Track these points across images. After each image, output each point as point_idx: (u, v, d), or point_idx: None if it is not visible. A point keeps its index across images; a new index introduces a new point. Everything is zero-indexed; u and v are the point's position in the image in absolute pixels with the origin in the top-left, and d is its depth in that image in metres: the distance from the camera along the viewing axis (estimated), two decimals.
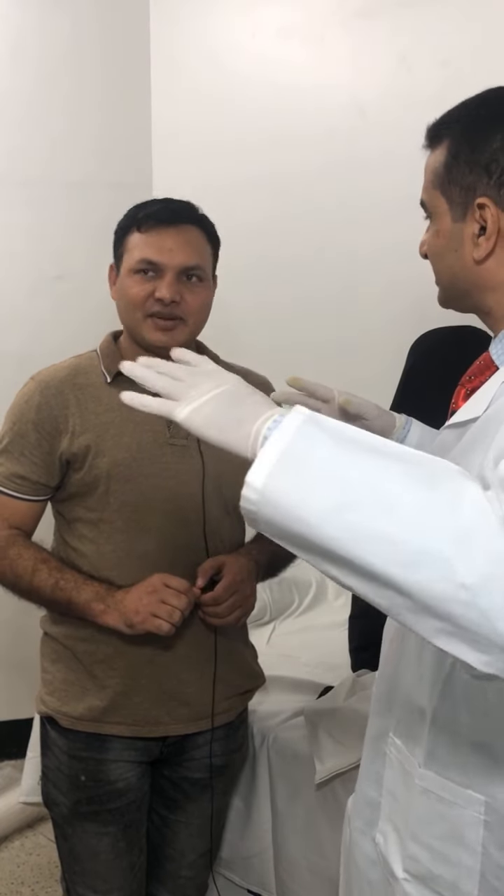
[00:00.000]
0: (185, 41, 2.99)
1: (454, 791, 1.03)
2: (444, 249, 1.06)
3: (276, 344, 2.84)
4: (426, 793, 1.06)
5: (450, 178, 1.03)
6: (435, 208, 1.06)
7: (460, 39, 2.48)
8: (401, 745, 1.11)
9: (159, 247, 1.50)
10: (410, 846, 1.08)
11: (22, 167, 2.80)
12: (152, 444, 1.53)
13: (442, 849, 1.05)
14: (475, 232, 1.02)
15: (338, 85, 2.76)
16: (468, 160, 1.02)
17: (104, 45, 2.93)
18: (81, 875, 1.64)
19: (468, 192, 1.02)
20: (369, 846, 1.18)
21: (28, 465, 1.54)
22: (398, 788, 1.12)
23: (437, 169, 1.05)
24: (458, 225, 1.04)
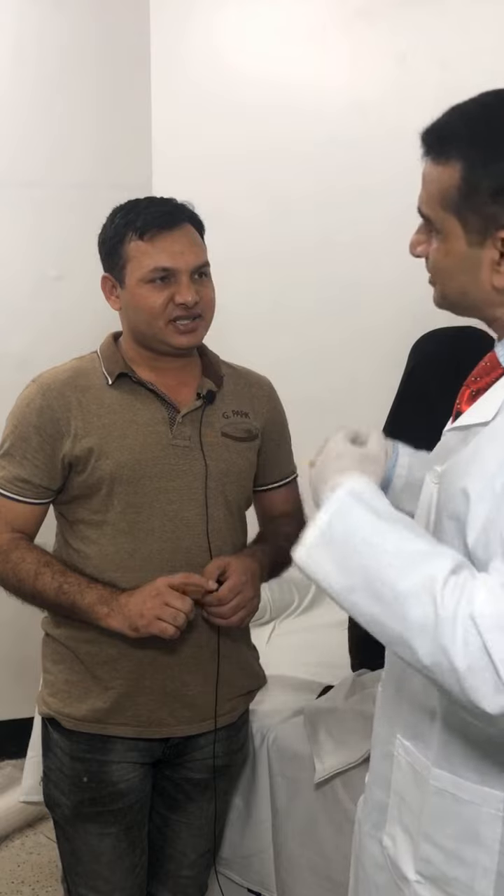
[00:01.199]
0: (186, 42, 2.99)
1: (470, 789, 1.03)
2: (455, 270, 1.03)
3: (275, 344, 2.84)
4: (440, 793, 1.06)
5: (467, 205, 1.00)
6: (445, 228, 1.03)
7: (460, 39, 2.48)
8: (410, 746, 1.11)
9: (170, 252, 1.49)
10: (423, 848, 1.08)
11: (23, 169, 2.80)
12: (155, 446, 1.53)
13: (457, 849, 1.05)
14: (495, 258, 1.00)
15: (338, 85, 2.76)
16: (490, 189, 0.98)
17: (105, 46, 2.93)
18: (83, 875, 1.64)
19: (489, 221, 0.99)
20: (377, 849, 1.18)
21: (30, 469, 1.54)
22: (408, 790, 1.11)
23: (449, 190, 1.00)
24: (475, 250, 1.01)
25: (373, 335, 2.72)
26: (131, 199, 1.57)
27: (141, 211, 1.52)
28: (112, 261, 1.54)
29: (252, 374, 1.72)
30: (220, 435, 1.58)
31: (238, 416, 1.62)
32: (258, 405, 1.66)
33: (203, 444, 1.55)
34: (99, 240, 1.57)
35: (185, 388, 1.58)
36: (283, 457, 1.73)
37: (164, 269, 1.49)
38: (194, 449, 1.55)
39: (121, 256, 1.52)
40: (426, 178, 1.04)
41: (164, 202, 1.55)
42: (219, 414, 1.59)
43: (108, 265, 1.56)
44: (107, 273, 1.57)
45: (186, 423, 1.55)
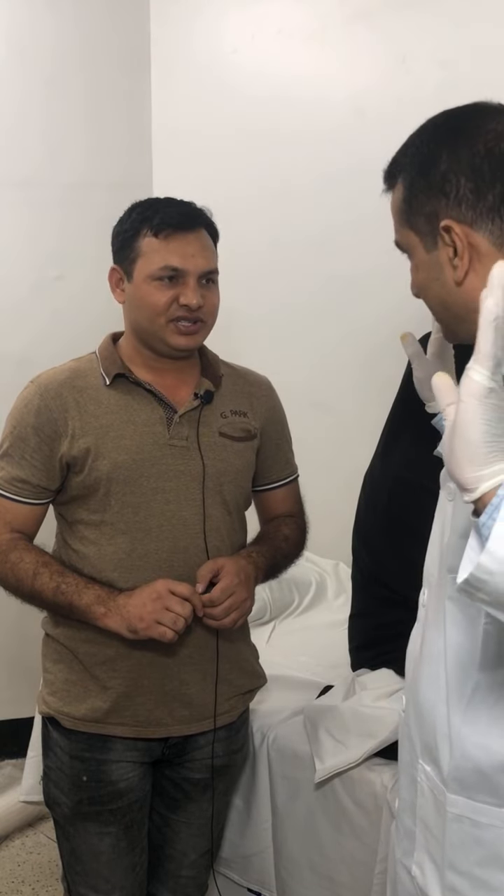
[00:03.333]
0: (185, 41, 2.99)
1: (488, 813, 1.01)
2: (427, 282, 1.05)
3: (275, 344, 2.84)
4: (459, 819, 1.04)
5: (412, 211, 1.03)
6: (408, 245, 1.06)
7: (460, 39, 2.48)
8: (429, 770, 1.09)
9: (182, 253, 1.50)
10: (448, 876, 1.06)
11: (23, 168, 2.80)
12: (152, 446, 1.54)
13: (482, 875, 1.02)
14: (450, 256, 1.00)
15: (337, 85, 2.75)
16: (423, 188, 1.01)
17: (104, 46, 2.93)
18: (83, 875, 1.64)
19: (431, 218, 1.01)
20: (407, 878, 1.16)
21: (29, 469, 1.54)
22: (430, 817, 1.10)
23: (400, 206, 1.05)
24: (433, 254, 1.02)
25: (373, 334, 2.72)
26: (152, 197, 1.58)
27: (160, 209, 1.53)
28: (123, 253, 1.55)
29: (251, 373, 1.72)
30: (217, 435, 1.59)
31: (236, 415, 1.62)
32: (257, 405, 1.66)
33: (200, 444, 1.56)
34: (113, 232, 1.58)
35: (183, 388, 1.59)
36: (282, 457, 1.73)
37: (173, 268, 1.49)
38: (192, 449, 1.55)
39: (133, 250, 1.53)
40: (391, 210, 1.08)
41: (183, 204, 1.56)
42: (217, 414, 1.60)
43: (118, 258, 1.57)
44: (116, 265, 1.57)
45: (184, 423, 1.56)
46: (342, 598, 2.71)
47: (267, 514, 1.75)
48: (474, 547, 0.81)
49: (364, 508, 2.11)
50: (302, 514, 1.75)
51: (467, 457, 0.81)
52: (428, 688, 1.08)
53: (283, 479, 1.73)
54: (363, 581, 2.13)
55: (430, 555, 1.15)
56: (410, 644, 1.18)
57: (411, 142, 1.06)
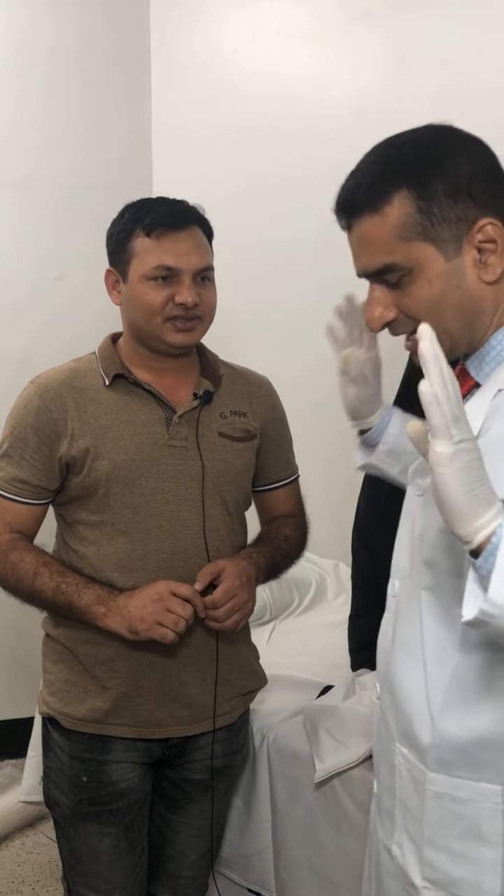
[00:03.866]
0: (185, 41, 2.99)
1: (468, 788, 1.05)
2: (445, 292, 1.03)
3: (275, 344, 2.84)
4: (438, 797, 1.07)
5: (433, 220, 1.00)
6: (418, 259, 1.02)
7: (460, 40, 2.48)
8: (407, 753, 1.12)
9: (175, 252, 1.50)
10: (427, 852, 1.09)
11: (22, 168, 2.80)
12: (152, 446, 1.53)
13: (461, 849, 1.06)
14: (475, 257, 1.01)
15: (337, 85, 2.75)
16: (447, 192, 1.00)
17: (104, 46, 2.93)
18: (83, 875, 1.64)
19: (459, 222, 1.01)
20: (388, 858, 1.19)
21: (28, 469, 1.54)
22: (409, 797, 1.12)
23: (406, 221, 1.01)
24: (455, 261, 1.02)
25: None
26: (144, 198, 1.57)
27: (151, 209, 1.53)
28: (117, 255, 1.55)
29: (251, 373, 1.72)
30: (217, 435, 1.58)
31: (236, 416, 1.62)
32: (257, 405, 1.66)
33: (200, 445, 1.56)
34: (107, 234, 1.58)
35: (183, 389, 1.59)
36: (283, 457, 1.73)
37: (167, 267, 1.49)
38: (191, 449, 1.55)
39: (126, 251, 1.53)
40: (367, 237, 1.04)
41: (175, 203, 1.56)
42: (216, 414, 1.59)
43: (113, 259, 1.57)
44: (111, 267, 1.57)
45: (183, 424, 1.56)
46: (342, 598, 2.71)
47: (267, 515, 1.75)
48: (475, 592, 0.88)
49: (364, 508, 2.11)
50: (303, 515, 1.75)
51: (455, 517, 0.88)
52: (405, 675, 1.11)
53: (284, 479, 1.73)
54: (363, 581, 2.13)
55: (399, 547, 1.18)
56: (381, 635, 1.21)
57: (392, 153, 1.04)
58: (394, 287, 1.05)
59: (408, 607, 1.12)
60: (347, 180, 1.07)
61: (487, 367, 1.07)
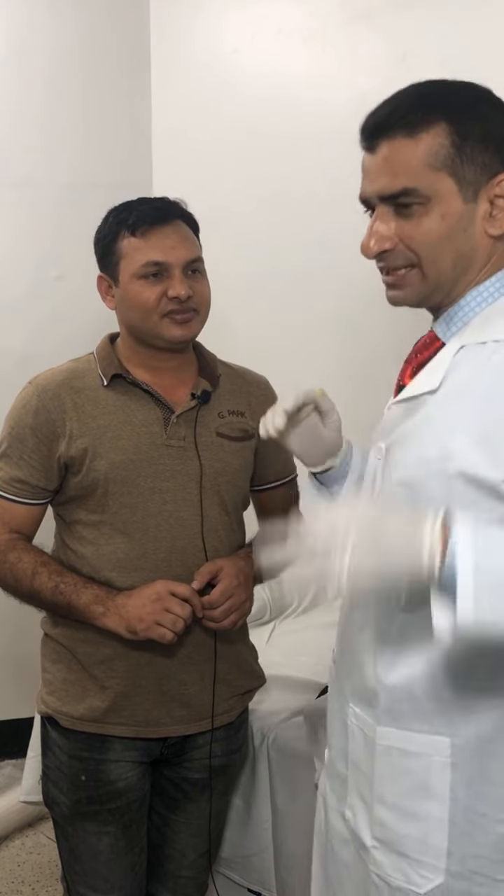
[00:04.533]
0: (185, 41, 2.99)
1: (417, 741, 1.05)
2: (453, 231, 1.04)
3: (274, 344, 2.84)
4: (388, 751, 1.08)
5: (462, 157, 1.02)
6: (438, 191, 1.03)
7: (460, 39, 2.48)
8: (359, 711, 1.13)
9: (162, 247, 1.50)
10: (377, 810, 1.10)
11: (22, 168, 2.80)
12: (150, 446, 1.53)
13: (408, 805, 1.06)
14: (487, 209, 1.04)
15: (338, 85, 2.75)
16: (480, 137, 1.02)
17: (104, 46, 2.93)
18: (82, 874, 1.64)
19: (484, 169, 1.03)
20: (341, 824, 1.20)
21: (27, 469, 1.54)
22: (360, 757, 1.13)
23: (439, 150, 1.02)
24: (470, 205, 1.04)
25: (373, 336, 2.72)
26: (125, 201, 1.58)
27: (133, 209, 1.53)
28: (106, 259, 1.56)
29: (249, 373, 1.72)
30: (215, 435, 1.58)
31: (234, 415, 1.62)
32: (255, 404, 1.66)
33: (198, 445, 1.56)
34: (94, 240, 1.58)
35: (181, 389, 1.59)
36: (281, 456, 1.72)
37: (156, 263, 1.49)
38: (189, 449, 1.55)
39: (114, 254, 1.53)
40: (394, 158, 1.05)
41: (156, 200, 1.57)
42: (214, 414, 1.60)
43: (102, 265, 1.57)
44: (102, 273, 1.57)
45: (181, 424, 1.56)
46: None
47: (265, 514, 1.75)
48: (442, 609, 0.89)
49: None
50: (301, 514, 1.75)
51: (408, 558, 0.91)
52: (358, 633, 1.13)
53: (282, 478, 1.73)
54: None
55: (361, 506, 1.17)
56: (341, 607, 1.24)
57: (439, 89, 1.06)
58: (402, 216, 1.06)
59: None
60: (380, 106, 1.08)
61: (454, 328, 1.09)
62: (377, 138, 1.07)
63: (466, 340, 1.04)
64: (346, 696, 1.17)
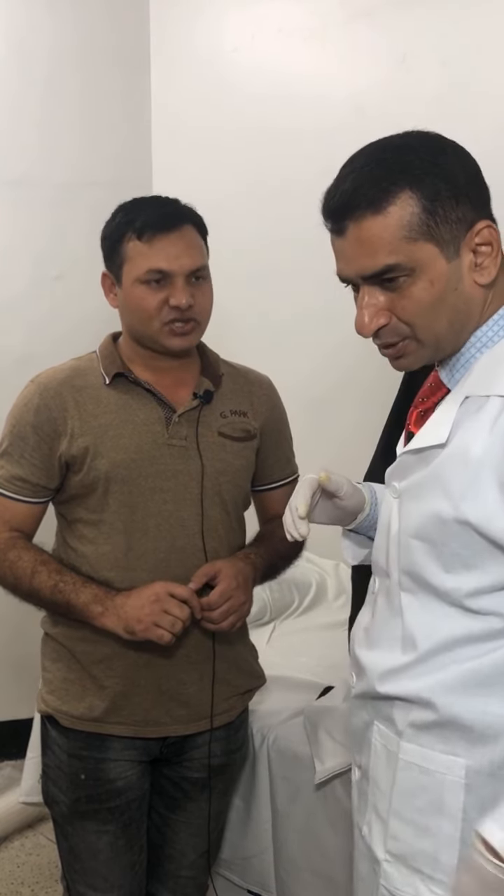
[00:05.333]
0: (185, 40, 2.99)
1: (436, 759, 1.08)
2: (444, 293, 1.03)
3: (274, 342, 2.84)
4: (408, 766, 1.10)
5: (437, 220, 1.01)
6: (421, 260, 1.02)
7: (460, 39, 2.48)
8: (384, 729, 1.15)
9: (166, 254, 1.48)
10: (392, 824, 1.12)
11: (22, 167, 2.80)
12: (151, 445, 1.53)
13: (423, 821, 1.09)
14: (472, 260, 1.03)
15: (338, 85, 2.75)
16: (451, 193, 1.01)
17: (104, 45, 2.93)
18: (81, 873, 1.64)
19: (460, 224, 1.01)
20: (360, 839, 1.22)
21: (28, 468, 1.54)
22: (380, 773, 1.15)
23: (411, 220, 1.00)
24: (455, 262, 1.02)
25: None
26: (136, 198, 1.56)
27: (141, 210, 1.52)
28: (111, 259, 1.55)
29: (252, 372, 1.72)
30: (216, 435, 1.58)
31: (236, 415, 1.61)
32: (257, 404, 1.65)
33: (199, 444, 1.55)
34: (101, 236, 1.57)
35: (183, 388, 1.58)
36: (282, 456, 1.72)
37: (158, 271, 1.48)
38: (190, 449, 1.55)
39: (119, 255, 1.52)
40: (367, 236, 1.02)
41: (165, 203, 1.55)
42: (216, 413, 1.59)
43: (108, 263, 1.56)
44: (107, 270, 1.57)
45: (183, 423, 1.55)
46: (342, 599, 2.71)
47: (266, 515, 1.74)
48: None
49: None
50: None
51: None
52: (383, 659, 1.14)
53: (283, 479, 1.72)
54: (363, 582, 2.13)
55: (377, 547, 1.20)
56: (355, 628, 1.25)
57: (393, 154, 1.03)
58: (389, 290, 1.04)
59: (387, 604, 1.16)
60: (338, 184, 1.06)
61: (458, 374, 1.09)
62: (343, 220, 1.04)
63: (471, 391, 1.04)
64: (371, 714, 1.18)
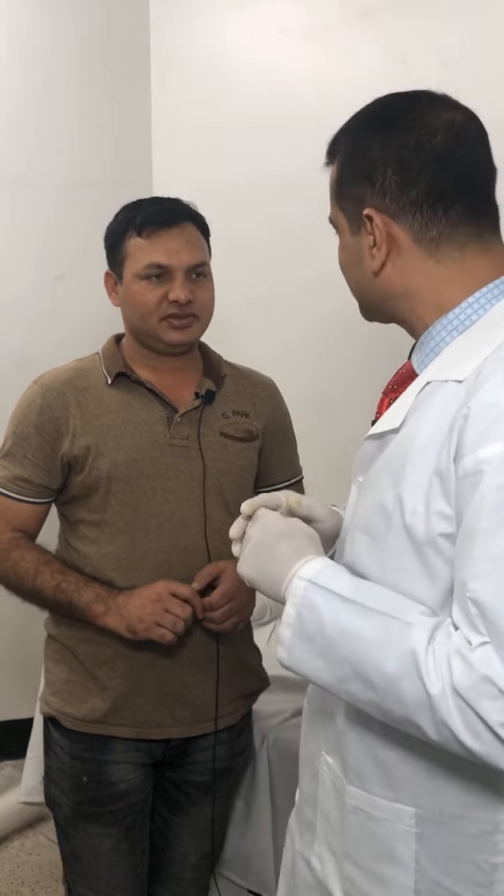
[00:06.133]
0: (185, 41, 2.99)
1: (382, 806, 1.00)
2: (348, 264, 1.05)
3: (275, 342, 2.83)
4: (356, 811, 1.03)
5: (341, 192, 1.03)
6: (337, 223, 1.06)
7: (460, 39, 2.48)
8: (332, 763, 1.08)
9: (166, 249, 1.50)
10: (346, 867, 1.06)
11: (22, 167, 2.80)
12: (153, 446, 1.53)
13: (376, 869, 1.02)
14: (370, 244, 1.00)
15: (338, 84, 2.75)
16: (352, 172, 1.01)
17: (104, 45, 2.92)
18: (83, 876, 1.64)
19: (357, 204, 1.01)
20: (306, 870, 1.15)
21: (30, 468, 1.54)
22: (331, 809, 1.09)
23: (332, 184, 1.04)
24: (357, 238, 1.02)
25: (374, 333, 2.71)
26: (138, 199, 1.58)
27: (143, 208, 1.53)
28: (113, 257, 1.56)
29: (255, 374, 1.72)
30: (218, 435, 1.58)
31: (238, 416, 1.61)
32: (260, 405, 1.66)
33: (201, 444, 1.55)
34: (104, 236, 1.59)
35: (185, 388, 1.58)
36: (286, 458, 1.72)
37: (158, 265, 1.49)
38: (192, 449, 1.55)
39: (120, 252, 1.53)
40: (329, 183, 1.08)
41: (167, 201, 1.57)
42: (218, 414, 1.59)
43: (110, 261, 1.58)
44: (109, 269, 1.58)
45: (185, 423, 1.55)
46: None
47: None
48: None
49: None
50: None
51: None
52: None
53: (287, 480, 1.72)
54: None
55: (340, 538, 1.14)
56: None
57: (351, 123, 1.06)
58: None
59: None
60: None
61: (426, 359, 1.03)
62: (326, 160, 1.10)
63: (433, 376, 0.98)
64: (320, 743, 1.12)
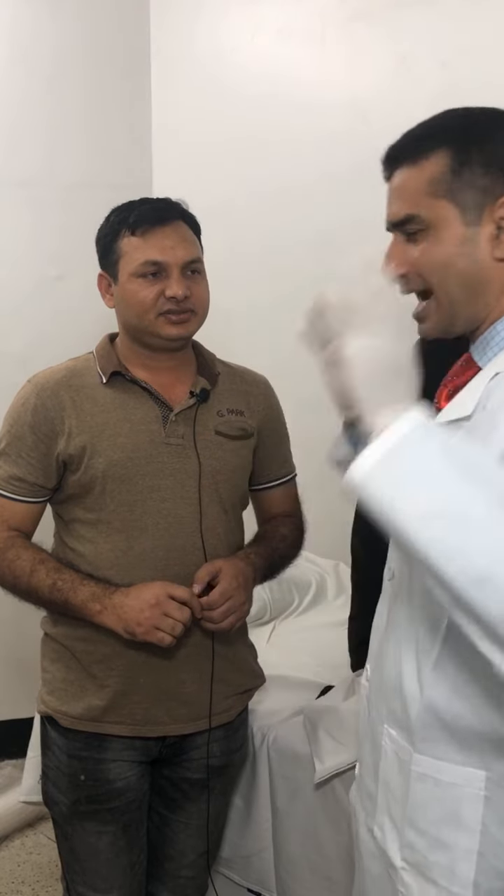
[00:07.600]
0: (185, 41, 2.99)
1: (451, 771, 1.05)
2: (455, 256, 1.05)
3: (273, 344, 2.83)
4: (422, 778, 1.08)
5: (461, 182, 1.04)
6: (437, 217, 1.05)
7: (460, 40, 2.48)
8: (395, 734, 1.13)
9: (160, 246, 1.51)
10: (407, 833, 1.10)
11: (23, 168, 2.81)
12: (148, 444, 1.54)
13: (438, 833, 1.06)
14: (493, 232, 1.04)
15: (338, 85, 2.76)
16: (481, 161, 1.03)
17: (104, 46, 2.93)
18: (81, 874, 1.64)
19: (485, 193, 1.04)
20: (370, 839, 1.20)
21: (25, 467, 1.55)
22: (393, 778, 1.13)
23: (438, 177, 1.04)
24: (472, 229, 1.04)
25: None
26: (129, 200, 1.58)
27: (135, 208, 1.54)
28: (107, 258, 1.56)
29: (249, 372, 1.72)
30: (213, 433, 1.59)
31: (233, 414, 1.62)
32: (254, 403, 1.66)
33: (196, 443, 1.56)
34: (96, 238, 1.59)
35: (180, 387, 1.59)
36: (280, 456, 1.73)
37: (154, 262, 1.50)
38: (187, 447, 1.55)
39: (114, 252, 1.54)
40: (401, 186, 1.09)
41: (158, 200, 1.58)
42: (213, 412, 1.60)
43: (103, 263, 1.58)
44: (102, 271, 1.58)
45: (180, 422, 1.56)
46: (342, 599, 2.71)
47: (265, 514, 1.75)
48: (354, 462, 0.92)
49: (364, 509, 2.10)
50: (300, 514, 1.75)
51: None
52: (398, 656, 1.12)
53: (281, 478, 1.73)
54: (363, 582, 2.13)
55: None
56: (377, 616, 1.23)
57: (443, 117, 1.08)
58: (411, 242, 1.08)
59: (403, 592, 1.14)
60: (399, 137, 1.12)
61: (490, 353, 1.08)
62: (391, 168, 1.10)
63: (502, 367, 1.04)
64: (382, 716, 1.16)
